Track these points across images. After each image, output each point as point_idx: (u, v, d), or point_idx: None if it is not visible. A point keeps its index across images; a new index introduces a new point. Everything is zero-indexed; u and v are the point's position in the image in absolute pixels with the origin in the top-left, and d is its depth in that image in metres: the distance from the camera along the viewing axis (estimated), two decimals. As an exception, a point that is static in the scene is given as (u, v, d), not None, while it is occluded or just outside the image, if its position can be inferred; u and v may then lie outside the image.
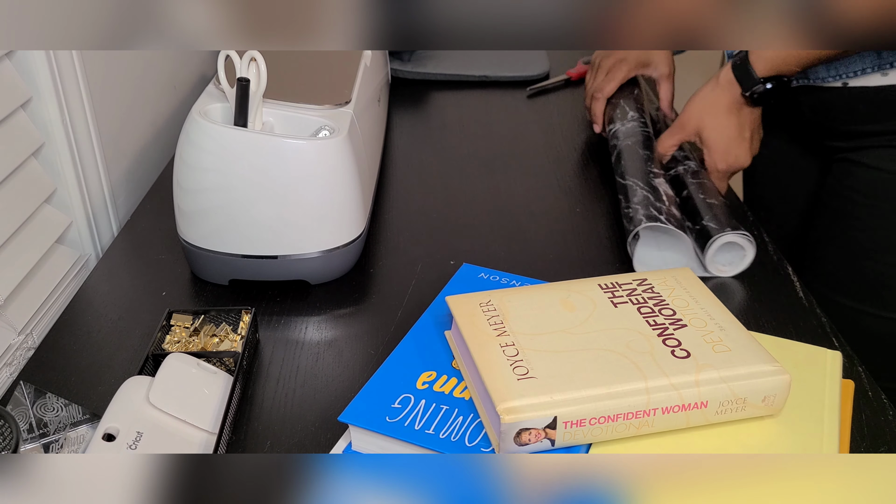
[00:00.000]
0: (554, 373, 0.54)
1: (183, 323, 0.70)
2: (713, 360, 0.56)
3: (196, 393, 0.61)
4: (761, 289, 0.79)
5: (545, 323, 0.59)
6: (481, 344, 0.57)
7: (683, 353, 0.56)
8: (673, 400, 0.53)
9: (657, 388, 0.53)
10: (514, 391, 0.53)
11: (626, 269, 0.82)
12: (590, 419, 0.52)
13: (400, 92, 1.25)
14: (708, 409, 0.54)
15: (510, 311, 0.61)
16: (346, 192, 0.75)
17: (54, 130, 0.79)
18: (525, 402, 0.52)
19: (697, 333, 0.59)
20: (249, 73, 0.73)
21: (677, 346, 0.57)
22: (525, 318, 0.60)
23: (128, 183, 0.95)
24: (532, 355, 0.56)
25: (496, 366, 0.55)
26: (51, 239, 0.79)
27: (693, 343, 0.58)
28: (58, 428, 0.59)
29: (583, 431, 0.53)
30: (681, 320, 0.60)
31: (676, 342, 0.58)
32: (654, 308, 0.61)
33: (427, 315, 0.66)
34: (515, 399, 0.52)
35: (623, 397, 0.53)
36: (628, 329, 0.59)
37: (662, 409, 0.53)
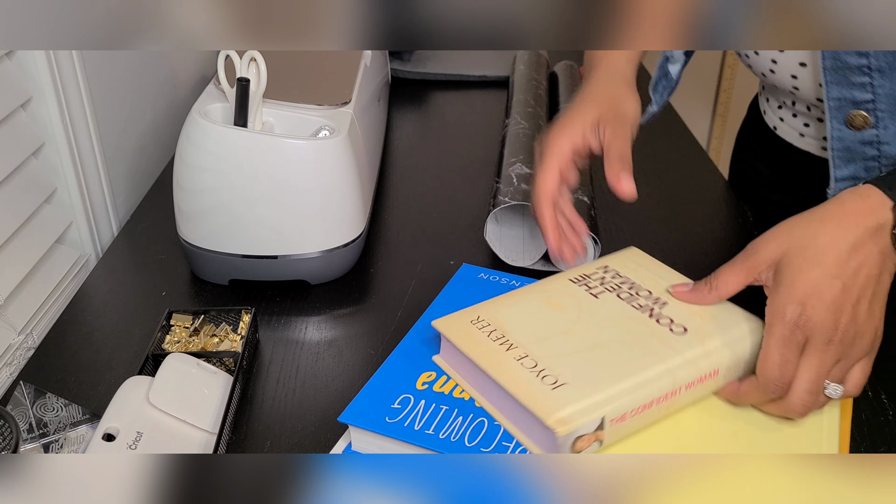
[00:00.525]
0: (582, 375, 0.53)
1: (183, 323, 0.70)
2: (708, 328, 0.57)
3: (196, 393, 0.61)
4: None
5: (545, 328, 0.58)
6: (496, 362, 0.55)
7: (681, 329, 0.57)
8: (692, 375, 0.54)
9: (677, 367, 0.54)
10: (556, 402, 0.51)
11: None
12: (631, 411, 0.52)
13: (400, 92, 1.25)
14: (719, 377, 0.56)
15: (506, 323, 0.58)
16: (346, 192, 0.75)
17: (54, 130, 0.79)
18: (572, 409, 0.50)
19: (680, 306, 0.60)
20: (249, 73, 0.73)
21: (671, 323, 0.58)
22: (523, 326, 0.58)
23: (128, 183, 0.95)
24: (551, 362, 0.54)
25: (524, 381, 0.53)
26: (51, 239, 0.79)
27: (683, 317, 0.58)
28: (58, 428, 0.59)
29: (623, 426, 0.52)
30: (659, 298, 0.61)
31: (669, 320, 0.58)
32: (630, 292, 0.62)
33: (427, 315, 0.66)
34: (561, 409, 0.50)
35: (652, 383, 0.53)
36: (621, 317, 0.59)
37: (685, 385, 0.54)
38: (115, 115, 0.91)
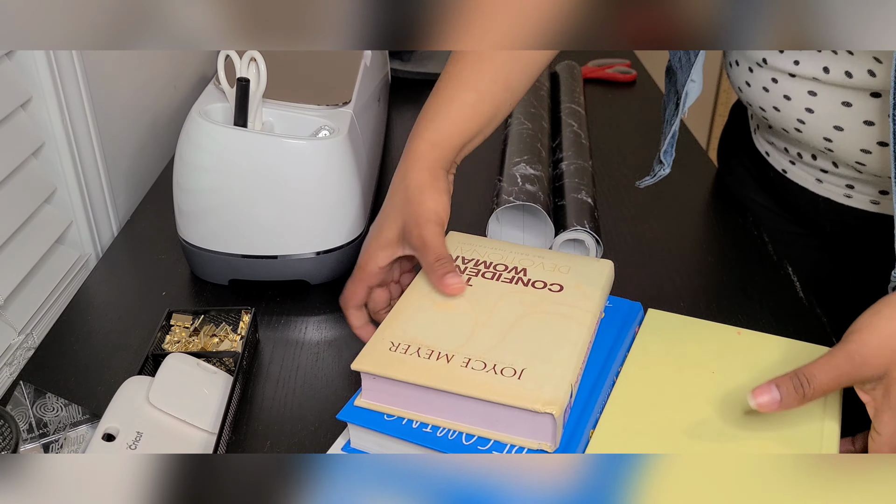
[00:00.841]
0: (527, 356, 0.55)
1: (183, 323, 0.70)
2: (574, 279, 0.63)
3: (196, 393, 0.61)
4: (761, 289, 0.79)
5: (458, 328, 0.58)
6: (450, 378, 0.53)
7: (557, 287, 0.62)
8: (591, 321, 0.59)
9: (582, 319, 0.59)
10: (531, 389, 0.52)
11: (624, 263, 0.82)
12: (578, 373, 0.55)
13: (400, 92, 1.25)
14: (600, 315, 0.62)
15: (421, 337, 0.57)
16: (346, 192, 0.75)
17: (54, 130, 0.79)
18: (548, 388, 0.52)
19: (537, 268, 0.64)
20: (249, 73, 0.73)
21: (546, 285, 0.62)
22: (439, 335, 0.57)
23: (128, 183, 0.95)
24: (494, 356, 0.55)
25: (488, 383, 0.53)
26: (51, 239, 0.79)
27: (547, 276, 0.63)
28: (58, 428, 0.59)
29: (575, 385, 0.55)
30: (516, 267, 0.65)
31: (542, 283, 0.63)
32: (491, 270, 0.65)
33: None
34: (541, 392, 0.52)
35: (578, 340, 0.57)
36: (505, 294, 0.61)
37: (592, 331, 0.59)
38: (115, 115, 0.91)
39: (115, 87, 0.91)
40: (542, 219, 0.83)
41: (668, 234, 0.89)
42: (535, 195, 0.84)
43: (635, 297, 0.68)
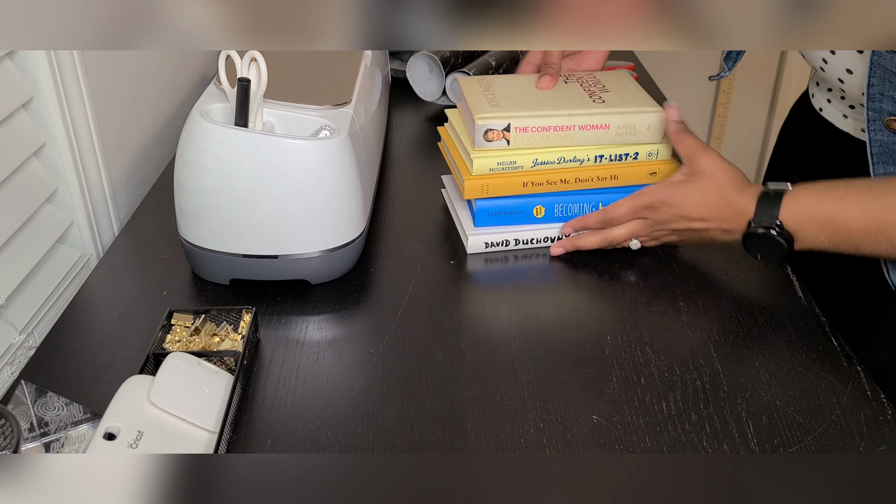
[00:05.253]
0: (510, 101, 0.82)
1: (184, 322, 0.70)
2: (617, 101, 0.83)
3: (197, 392, 0.61)
4: (761, 288, 0.79)
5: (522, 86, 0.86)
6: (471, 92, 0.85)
7: (600, 99, 0.84)
8: (585, 120, 0.81)
9: (577, 112, 0.81)
10: (484, 107, 0.80)
11: (622, 261, 0.82)
12: (532, 128, 0.80)
13: (400, 92, 1.25)
14: (610, 131, 0.82)
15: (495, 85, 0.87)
16: (346, 192, 0.75)
17: (55, 130, 0.79)
18: (491, 113, 0.80)
19: (611, 94, 0.85)
20: (250, 73, 0.73)
21: (596, 93, 0.85)
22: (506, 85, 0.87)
23: (129, 183, 0.95)
24: (501, 94, 0.84)
25: (476, 96, 0.83)
26: (52, 238, 0.79)
27: (607, 96, 0.84)
28: (59, 427, 0.60)
29: (527, 137, 0.80)
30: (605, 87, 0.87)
31: (599, 96, 0.84)
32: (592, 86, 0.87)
33: None
34: (484, 112, 0.80)
35: (554, 114, 0.80)
36: (569, 89, 0.86)
37: (579, 126, 0.81)
38: (116, 114, 0.92)
39: (116, 87, 0.91)
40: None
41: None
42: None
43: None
